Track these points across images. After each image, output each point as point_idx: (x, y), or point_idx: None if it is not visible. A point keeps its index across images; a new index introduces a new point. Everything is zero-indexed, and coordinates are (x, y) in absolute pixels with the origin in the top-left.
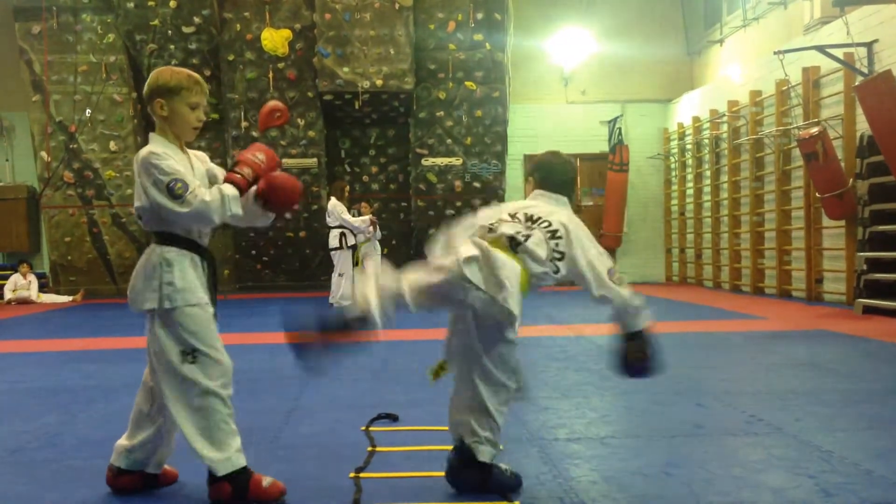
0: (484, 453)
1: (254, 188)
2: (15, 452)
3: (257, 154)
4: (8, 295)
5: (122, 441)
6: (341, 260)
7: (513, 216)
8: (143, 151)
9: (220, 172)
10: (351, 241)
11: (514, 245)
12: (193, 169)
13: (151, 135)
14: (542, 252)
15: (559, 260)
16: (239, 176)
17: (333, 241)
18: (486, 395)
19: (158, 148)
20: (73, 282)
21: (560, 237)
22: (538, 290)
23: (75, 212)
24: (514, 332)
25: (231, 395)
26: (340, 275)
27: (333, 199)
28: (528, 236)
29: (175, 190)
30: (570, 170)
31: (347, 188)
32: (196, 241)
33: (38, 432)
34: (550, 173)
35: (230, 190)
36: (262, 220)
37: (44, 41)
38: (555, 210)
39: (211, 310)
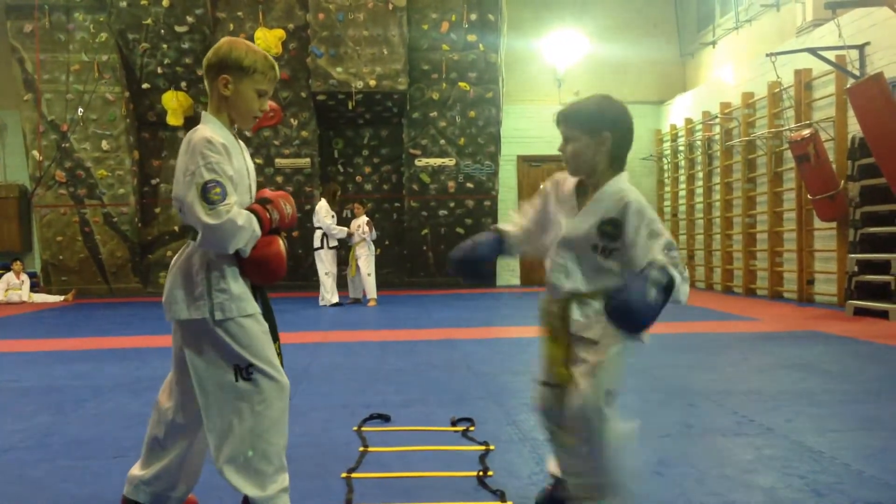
0: None
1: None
2: (6, 452)
3: (287, 206)
4: (0, 296)
5: (136, 470)
6: (325, 259)
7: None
8: (200, 134)
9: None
10: (333, 241)
11: None
12: (248, 167)
13: (205, 115)
14: None
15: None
16: (268, 217)
17: (316, 241)
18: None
19: (218, 136)
20: (64, 281)
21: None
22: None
23: (67, 211)
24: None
25: (286, 423)
26: (327, 273)
27: (322, 201)
28: None
29: (210, 194)
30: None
31: (339, 191)
32: None
33: (29, 432)
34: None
35: (258, 227)
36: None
37: (36, 40)
38: None
39: (266, 324)
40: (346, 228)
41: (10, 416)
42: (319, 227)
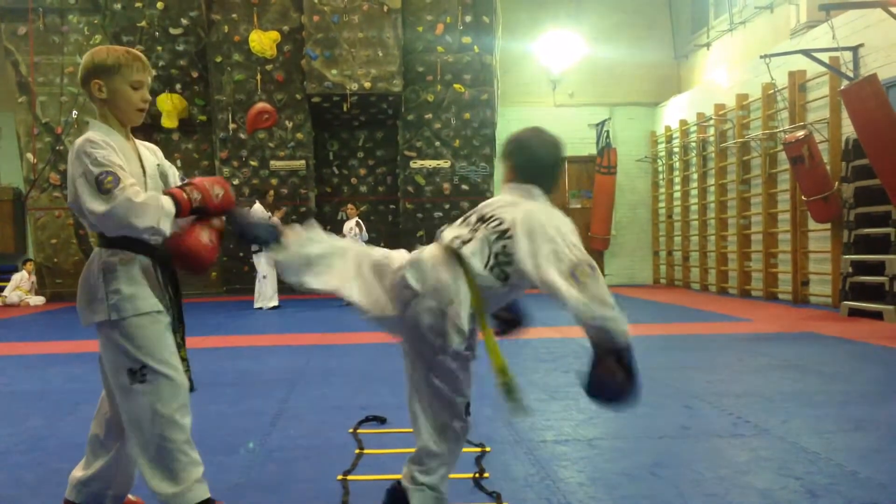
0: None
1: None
2: (0, 456)
3: (215, 187)
4: (12, 296)
5: (77, 472)
6: (262, 261)
7: (466, 218)
8: (81, 139)
9: (174, 171)
10: None
11: (454, 253)
12: (143, 161)
13: (91, 122)
14: (477, 261)
15: (507, 265)
16: (185, 197)
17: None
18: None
19: (98, 136)
20: (59, 284)
21: (510, 237)
22: (508, 299)
23: (61, 214)
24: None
25: (188, 421)
26: (264, 276)
27: (257, 204)
28: (467, 241)
29: (104, 183)
30: (551, 152)
31: (272, 193)
32: (146, 242)
33: (23, 435)
34: (529, 157)
35: (168, 203)
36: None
37: (30, 42)
38: (518, 203)
39: (166, 319)
40: (275, 218)
41: (3, 419)
42: None
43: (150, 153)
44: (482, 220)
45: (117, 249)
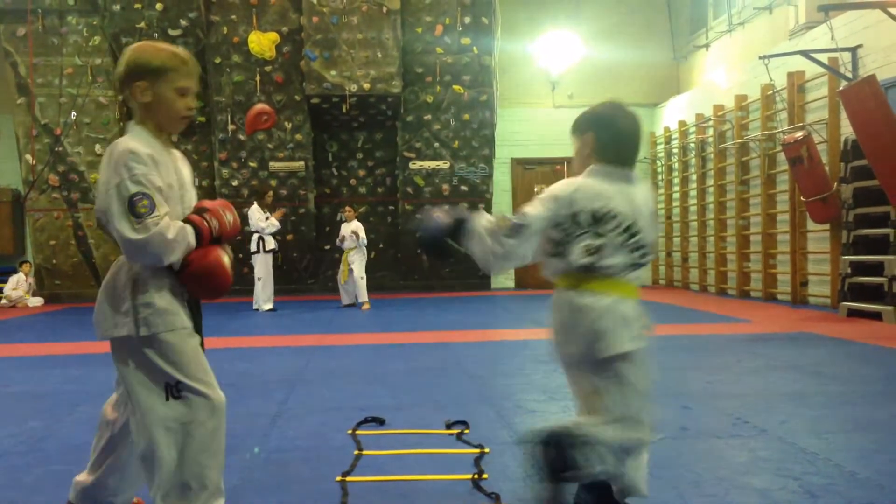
0: None
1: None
2: (0, 457)
3: (227, 214)
4: (13, 294)
5: (81, 477)
6: (259, 263)
7: None
8: (122, 145)
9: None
10: (270, 245)
11: None
12: (182, 176)
13: (131, 125)
14: None
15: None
16: (206, 226)
17: (252, 245)
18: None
19: (143, 147)
20: (58, 285)
21: None
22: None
23: (60, 215)
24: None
25: (222, 443)
26: (259, 279)
27: (254, 205)
28: None
29: (137, 207)
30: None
31: (271, 194)
32: None
33: (22, 437)
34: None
35: (192, 238)
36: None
37: (29, 43)
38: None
39: (197, 338)
40: (272, 218)
41: (2, 421)
42: (256, 231)
43: (185, 166)
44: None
45: None
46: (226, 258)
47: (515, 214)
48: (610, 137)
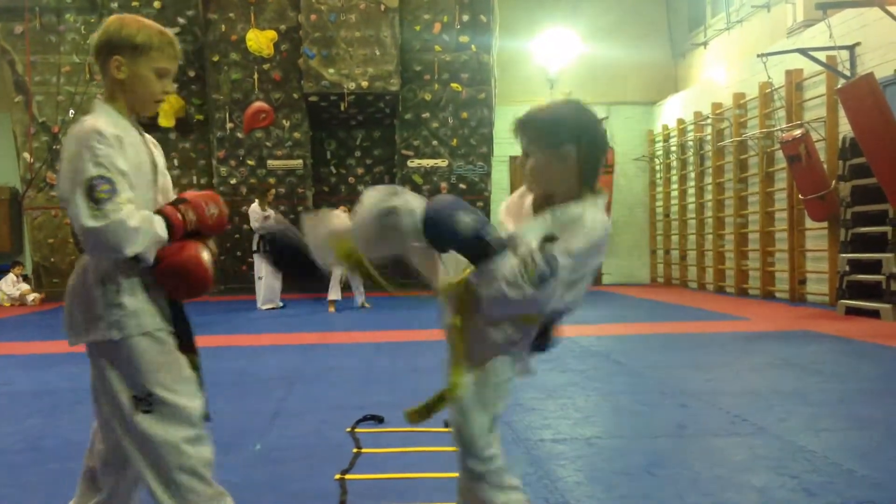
0: None
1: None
2: None
3: (210, 205)
4: (13, 291)
5: None
6: (258, 262)
7: None
8: (87, 124)
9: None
10: None
11: None
12: (155, 161)
13: (98, 102)
14: None
15: None
16: (179, 218)
17: (254, 244)
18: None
19: (109, 127)
20: (56, 284)
21: None
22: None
23: (58, 213)
24: None
25: (209, 457)
26: (260, 278)
27: (254, 203)
28: None
29: (96, 191)
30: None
31: (273, 192)
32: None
33: (21, 435)
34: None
35: (161, 229)
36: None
37: (26, 41)
38: None
39: (173, 341)
40: (269, 213)
41: (1, 419)
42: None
43: (158, 151)
44: None
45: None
46: (205, 254)
47: (543, 254)
48: (600, 153)
